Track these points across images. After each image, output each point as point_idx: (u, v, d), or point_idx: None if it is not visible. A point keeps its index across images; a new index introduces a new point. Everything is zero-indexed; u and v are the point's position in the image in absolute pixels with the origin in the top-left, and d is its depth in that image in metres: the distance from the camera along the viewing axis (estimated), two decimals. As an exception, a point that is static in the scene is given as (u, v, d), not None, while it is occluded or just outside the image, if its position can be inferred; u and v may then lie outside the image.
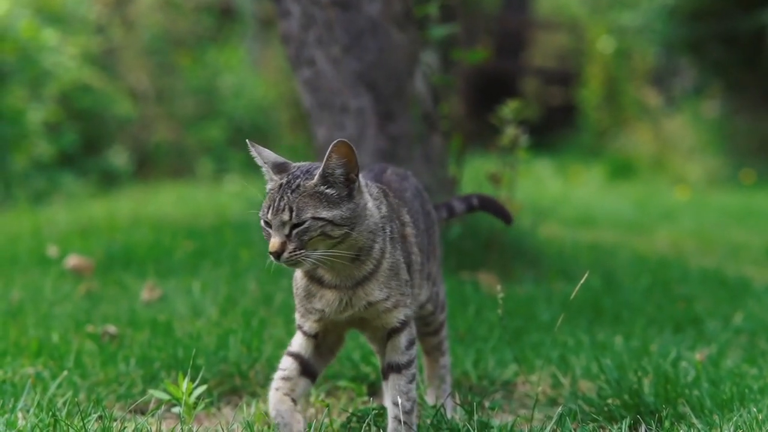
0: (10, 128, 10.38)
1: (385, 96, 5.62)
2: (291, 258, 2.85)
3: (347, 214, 2.87)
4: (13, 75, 10.45)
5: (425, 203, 3.36)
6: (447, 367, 3.47)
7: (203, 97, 13.87)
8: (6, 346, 4.01)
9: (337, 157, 2.86)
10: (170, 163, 13.25)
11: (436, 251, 3.35)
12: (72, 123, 11.85)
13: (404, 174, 3.37)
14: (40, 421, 3.08)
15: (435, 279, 3.33)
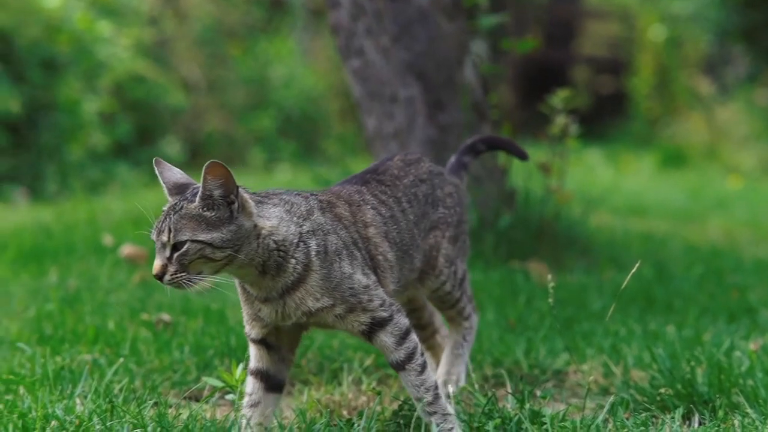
0: (67, 119, 10.51)
1: (434, 85, 5.62)
2: (173, 281, 2.84)
3: (228, 236, 2.84)
4: (69, 66, 10.57)
5: (436, 187, 3.33)
6: (472, 327, 3.51)
7: (254, 87, 13.94)
8: (64, 334, 4.07)
9: (212, 179, 2.84)
10: (222, 152, 13.33)
11: (446, 230, 3.33)
12: (126, 113, 11.98)
13: (416, 159, 3.36)
14: (98, 407, 3.13)
15: (452, 259, 3.34)
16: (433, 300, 3.42)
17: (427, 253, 3.28)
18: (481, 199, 5.66)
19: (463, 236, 3.42)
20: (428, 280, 3.32)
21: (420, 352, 2.99)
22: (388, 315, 2.96)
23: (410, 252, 3.18)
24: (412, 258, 3.20)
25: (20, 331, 4.15)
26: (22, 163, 10.08)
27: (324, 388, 3.58)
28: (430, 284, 3.33)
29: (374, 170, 3.26)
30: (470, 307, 3.49)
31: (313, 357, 3.86)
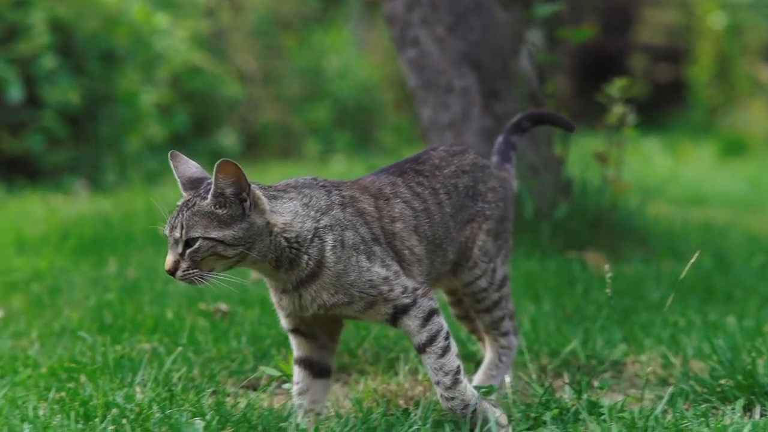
0: (125, 110, 10.62)
1: (489, 75, 5.60)
2: (185, 277, 2.86)
3: (240, 233, 2.85)
4: (127, 59, 10.67)
5: (478, 181, 3.26)
6: (510, 348, 3.40)
7: (309, 78, 13.97)
8: (123, 323, 4.12)
9: (224, 177, 2.84)
10: (277, 143, 13.39)
11: (484, 222, 3.26)
12: (182, 105, 12.07)
13: (460, 150, 3.31)
14: (157, 395, 3.17)
15: (492, 256, 3.28)
16: (468, 298, 3.33)
17: (462, 245, 3.22)
18: (538, 189, 5.63)
19: (505, 234, 3.35)
20: (461, 272, 3.25)
21: (444, 336, 2.96)
22: (411, 301, 2.95)
23: (443, 245, 3.14)
24: (445, 251, 3.15)
25: (81, 320, 4.20)
26: (82, 154, 10.20)
27: (380, 378, 3.59)
28: (464, 276, 3.26)
29: (415, 160, 3.22)
30: (509, 324, 3.39)
31: (370, 347, 3.86)
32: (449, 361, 2.95)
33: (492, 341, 3.39)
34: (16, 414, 2.98)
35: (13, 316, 4.38)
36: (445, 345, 2.96)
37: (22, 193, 8.92)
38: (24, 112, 9.82)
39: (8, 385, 3.33)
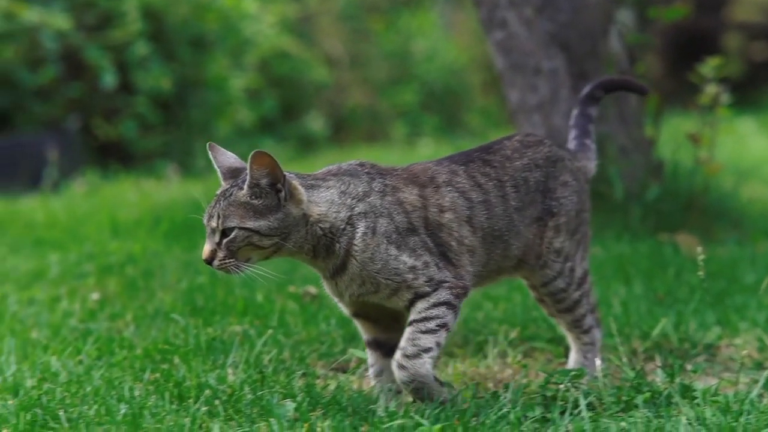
0: (215, 95, 10.75)
1: (578, 56, 5.54)
2: (221, 266, 2.87)
3: (275, 224, 2.85)
4: (217, 44, 10.80)
5: (550, 176, 3.15)
6: (593, 344, 3.32)
7: (396, 61, 13.97)
8: (215, 306, 4.18)
9: (258, 168, 2.84)
10: (365, 127, 13.43)
11: (555, 220, 3.15)
12: (271, 89, 12.17)
13: (535, 142, 3.20)
14: (249, 377, 3.21)
15: (567, 254, 3.18)
16: (547, 298, 3.25)
17: (530, 242, 3.13)
18: (628, 171, 5.56)
19: (583, 228, 3.24)
20: (533, 271, 3.17)
21: (439, 324, 2.91)
22: (432, 289, 2.93)
23: (504, 237, 3.06)
24: (508, 244, 3.07)
25: (174, 302, 4.27)
26: (174, 139, 10.35)
27: (469, 361, 3.59)
28: (539, 277, 3.18)
29: (486, 149, 3.15)
30: (591, 319, 3.31)
31: (458, 330, 3.86)
32: (425, 339, 2.91)
33: (575, 339, 3.33)
34: (113, 394, 3.04)
35: (108, 299, 4.47)
36: (432, 328, 2.92)
37: (116, 178, 9.09)
38: (117, 98, 10.01)
39: (105, 365, 3.40)
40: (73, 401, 2.99)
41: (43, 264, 5.18)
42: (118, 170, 9.51)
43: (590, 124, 3.42)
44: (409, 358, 2.90)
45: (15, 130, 9.64)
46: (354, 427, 2.77)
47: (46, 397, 3.01)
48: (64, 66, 9.74)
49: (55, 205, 7.42)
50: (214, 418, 2.86)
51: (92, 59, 9.71)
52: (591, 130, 3.41)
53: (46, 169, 8.48)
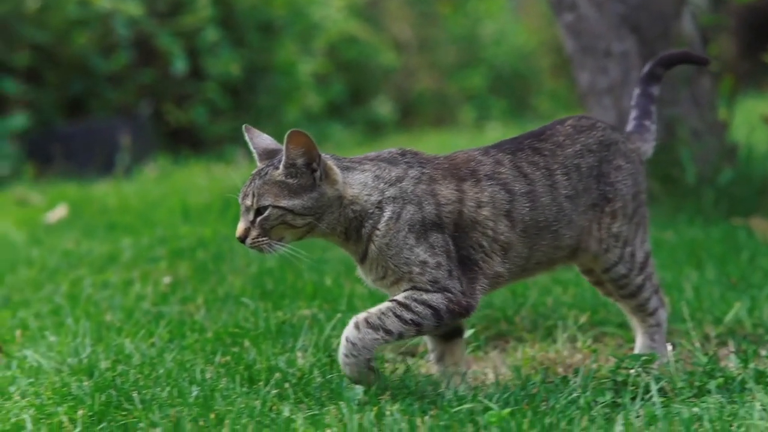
0: (283, 81, 10.80)
1: (650, 38, 5.47)
2: (254, 244, 2.89)
3: (309, 203, 2.87)
4: (285, 29, 10.84)
5: (604, 160, 3.09)
6: (659, 325, 3.26)
7: (464, 45, 13.92)
8: (284, 289, 4.20)
9: (294, 147, 2.85)
10: (433, 111, 13.41)
11: (611, 205, 3.09)
12: (339, 74, 12.20)
13: (589, 125, 3.13)
14: (318, 360, 3.22)
15: (627, 239, 3.11)
16: (609, 284, 3.20)
17: (586, 229, 3.07)
18: (701, 154, 5.49)
19: (641, 210, 3.17)
20: (591, 258, 3.11)
21: (415, 319, 2.86)
22: (430, 290, 2.89)
23: (553, 228, 3.01)
24: (557, 234, 3.02)
25: (243, 286, 4.31)
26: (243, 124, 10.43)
27: (538, 345, 3.57)
28: (600, 263, 3.12)
29: (538, 134, 3.10)
30: (656, 300, 3.25)
31: (527, 314, 3.84)
32: (394, 324, 2.87)
33: (640, 322, 3.27)
34: (185, 377, 3.08)
35: (180, 283, 4.52)
36: (406, 319, 2.87)
37: (186, 163, 9.19)
38: (188, 84, 10.11)
39: (177, 348, 3.44)
40: (146, 383, 3.04)
41: (117, 248, 5.26)
42: (188, 155, 9.61)
43: (651, 104, 3.33)
44: (368, 326, 2.87)
45: (89, 116, 9.78)
46: (423, 411, 2.78)
47: (120, 378, 3.06)
48: (136, 52, 9.85)
49: (127, 190, 7.52)
50: (284, 401, 2.88)
51: (163, 45, 9.81)
52: (652, 110, 3.33)
53: (118, 154, 8.60)
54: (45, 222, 6.50)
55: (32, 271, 4.89)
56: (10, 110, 9.26)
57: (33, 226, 6.36)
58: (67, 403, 2.89)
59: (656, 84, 3.35)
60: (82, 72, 9.66)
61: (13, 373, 3.24)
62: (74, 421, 2.77)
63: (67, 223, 6.40)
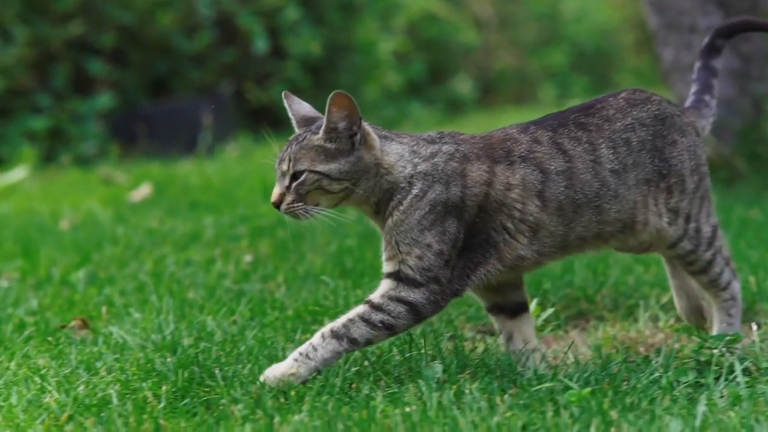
0: (363, 59, 10.82)
1: (736, 13, 5.37)
2: (288, 210, 2.86)
3: (346, 167, 2.84)
4: (366, 8, 10.85)
5: (658, 135, 3.02)
6: (734, 298, 3.17)
7: (546, 22, 13.80)
8: (363, 267, 4.22)
9: (337, 110, 2.83)
10: (513, 89, 13.33)
11: (666, 181, 3.02)
12: (419, 52, 12.18)
13: (643, 99, 3.06)
14: (397, 339, 3.23)
15: (688, 214, 3.04)
16: (677, 261, 3.13)
17: (641, 203, 2.99)
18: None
19: (703, 184, 3.08)
20: (648, 232, 3.02)
21: (386, 322, 2.84)
22: (417, 280, 2.85)
23: (594, 203, 2.94)
24: (601, 210, 2.95)
25: (323, 265, 4.34)
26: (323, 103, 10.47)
27: (619, 325, 3.54)
28: (664, 239, 3.04)
29: (587, 108, 3.04)
30: (728, 273, 3.15)
31: (608, 293, 3.81)
32: (358, 329, 2.84)
33: (714, 297, 3.19)
34: (265, 354, 3.11)
35: (261, 261, 4.56)
36: (376, 323, 2.84)
37: (267, 142, 9.25)
38: (269, 63, 10.17)
39: (258, 326, 3.48)
40: (228, 360, 3.08)
41: (199, 226, 5.33)
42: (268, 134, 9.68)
43: (713, 77, 3.24)
44: (332, 335, 2.83)
45: (172, 96, 9.91)
46: (502, 390, 2.77)
47: (203, 355, 3.10)
48: (218, 32, 9.95)
49: (209, 169, 7.61)
50: (364, 379, 2.89)
51: (245, 25, 9.89)
52: (713, 84, 3.23)
53: (201, 133, 8.70)
54: (129, 201, 6.62)
55: (117, 248, 4.98)
56: (96, 91, 9.42)
57: (118, 205, 6.48)
58: (151, 378, 2.94)
59: (717, 56, 3.26)
60: (165, 52, 9.78)
61: (99, 348, 3.31)
62: (158, 396, 2.82)
63: (150, 201, 6.50)
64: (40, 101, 9.21)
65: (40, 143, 9.07)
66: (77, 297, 4.04)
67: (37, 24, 9.23)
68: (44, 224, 5.84)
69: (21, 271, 4.55)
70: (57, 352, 3.30)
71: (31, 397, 2.86)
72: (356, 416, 2.60)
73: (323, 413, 2.62)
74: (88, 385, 2.94)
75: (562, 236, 2.96)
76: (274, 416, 2.62)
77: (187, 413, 2.72)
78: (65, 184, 7.90)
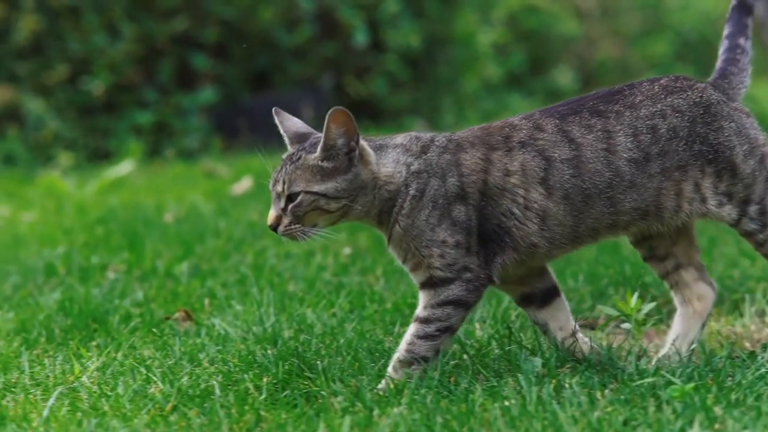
0: (462, 51, 10.80)
1: None
2: (286, 232, 2.83)
3: (343, 185, 2.80)
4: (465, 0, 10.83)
5: (698, 122, 2.93)
6: None
7: (649, 11, 13.58)
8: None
9: (336, 127, 2.77)
10: (615, 79, 13.13)
11: (722, 168, 2.93)
12: (518, 44, 12.11)
13: (684, 86, 2.98)
14: (496, 332, 3.22)
15: (749, 197, 2.95)
16: (746, 239, 3.03)
17: (669, 191, 2.91)
18: None
19: (762, 165, 2.98)
20: (680, 217, 2.94)
21: (440, 327, 2.83)
22: (449, 277, 2.83)
23: (606, 194, 2.87)
24: (613, 200, 2.88)
25: (423, 257, 4.34)
26: (422, 95, 10.49)
27: (724, 320, 3.48)
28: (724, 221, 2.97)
29: (613, 93, 2.98)
30: None
31: (713, 288, 3.74)
32: (421, 347, 2.84)
33: None
34: (365, 346, 3.13)
35: (359, 254, 4.59)
36: (433, 333, 2.83)
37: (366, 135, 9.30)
38: (368, 56, 10.22)
39: (357, 318, 3.50)
40: (328, 352, 3.10)
41: (299, 219, 5.37)
42: (368, 127, 9.73)
43: (744, 38, 3.19)
44: (400, 365, 2.85)
45: (273, 89, 10.02)
46: (603, 384, 2.74)
47: (303, 347, 3.13)
48: (319, 26, 10.02)
49: (310, 162, 7.66)
50: (462, 372, 2.89)
51: (345, 18, 9.94)
52: (746, 51, 3.20)
53: (301, 127, 8.77)
54: (231, 194, 6.71)
55: (219, 241, 5.05)
56: (199, 85, 9.57)
57: (220, 198, 6.58)
58: (252, 370, 2.98)
59: (748, 14, 3.20)
60: (267, 46, 9.89)
61: (202, 340, 3.37)
62: (259, 388, 2.86)
63: (251, 194, 6.59)
64: (146, 96, 9.40)
65: (146, 137, 9.27)
66: (181, 289, 4.12)
67: (144, 20, 9.42)
68: (149, 217, 5.97)
69: (127, 264, 4.65)
70: (161, 343, 3.37)
71: (137, 387, 2.93)
72: (455, 410, 2.60)
73: (422, 406, 2.63)
74: (192, 376, 2.99)
75: (572, 227, 2.91)
76: (374, 409, 2.64)
77: (288, 405, 2.75)
78: (169, 178, 8.06)
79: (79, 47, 9.30)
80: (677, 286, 3.10)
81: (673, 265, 3.10)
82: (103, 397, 2.88)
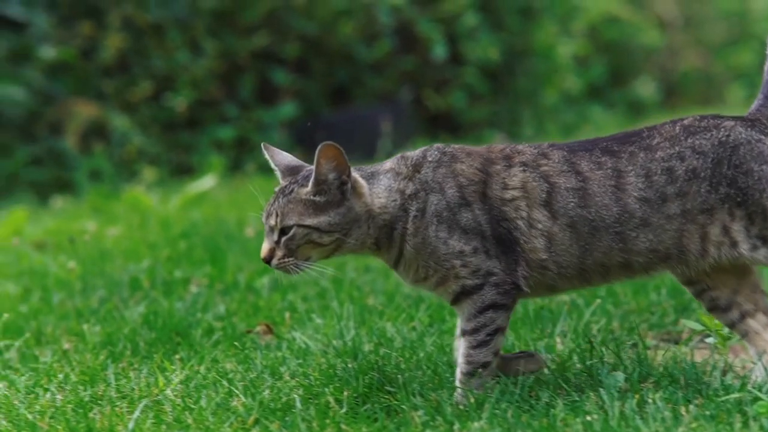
0: (542, 64, 10.76)
1: None
2: (280, 265, 2.82)
3: (336, 219, 2.80)
4: (545, 12, 10.79)
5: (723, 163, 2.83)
6: None
7: (734, 20, 13.39)
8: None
9: (326, 162, 2.77)
10: (698, 90, 12.98)
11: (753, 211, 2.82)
12: (599, 55, 12.02)
13: (708, 125, 2.89)
14: (577, 346, 3.20)
15: None
16: None
17: (691, 234, 2.84)
18: None
19: None
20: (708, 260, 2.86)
21: (489, 331, 2.82)
22: (478, 283, 2.81)
23: (614, 229, 2.83)
24: (624, 237, 2.83)
25: (503, 270, 4.32)
26: (501, 108, 10.46)
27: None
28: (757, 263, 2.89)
29: (629, 135, 2.91)
30: None
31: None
32: (479, 355, 2.84)
33: None
34: (444, 360, 3.13)
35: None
36: (484, 339, 2.83)
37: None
38: (447, 69, 10.23)
39: (437, 332, 3.50)
40: (408, 366, 3.11)
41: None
42: (447, 140, 9.73)
43: None
44: (466, 378, 2.85)
45: (352, 103, 10.08)
46: (687, 400, 2.71)
47: (383, 361, 3.14)
48: (398, 40, 10.06)
49: (389, 176, 7.69)
50: (543, 387, 2.88)
51: (424, 32, 9.97)
52: None
53: (380, 140, 8.81)
54: (312, 208, 6.74)
55: (300, 255, 5.08)
56: (280, 100, 9.67)
57: (301, 212, 6.61)
58: (333, 384, 3.00)
59: None
60: (346, 61, 9.95)
61: (283, 353, 3.40)
62: (340, 401, 2.87)
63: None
64: (228, 111, 9.53)
65: (227, 152, 9.38)
66: (262, 303, 4.15)
67: (225, 37, 9.55)
68: (231, 231, 6.03)
69: (209, 278, 4.70)
70: (243, 356, 3.41)
71: (219, 401, 2.96)
72: (536, 424, 2.59)
73: (503, 421, 2.62)
74: (273, 389, 3.02)
75: (579, 257, 2.86)
76: (454, 423, 2.63)
77: (368, 419, 2.76)
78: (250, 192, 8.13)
79: (163, 64, 9.46)
80: (747, 336, 3.00)
81: (739, 315, 3.00)
82: (186, 410, 2.92)
